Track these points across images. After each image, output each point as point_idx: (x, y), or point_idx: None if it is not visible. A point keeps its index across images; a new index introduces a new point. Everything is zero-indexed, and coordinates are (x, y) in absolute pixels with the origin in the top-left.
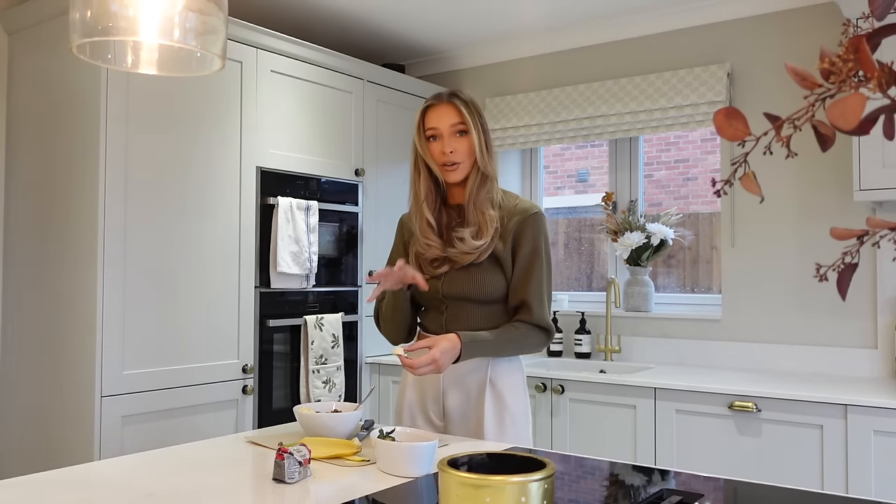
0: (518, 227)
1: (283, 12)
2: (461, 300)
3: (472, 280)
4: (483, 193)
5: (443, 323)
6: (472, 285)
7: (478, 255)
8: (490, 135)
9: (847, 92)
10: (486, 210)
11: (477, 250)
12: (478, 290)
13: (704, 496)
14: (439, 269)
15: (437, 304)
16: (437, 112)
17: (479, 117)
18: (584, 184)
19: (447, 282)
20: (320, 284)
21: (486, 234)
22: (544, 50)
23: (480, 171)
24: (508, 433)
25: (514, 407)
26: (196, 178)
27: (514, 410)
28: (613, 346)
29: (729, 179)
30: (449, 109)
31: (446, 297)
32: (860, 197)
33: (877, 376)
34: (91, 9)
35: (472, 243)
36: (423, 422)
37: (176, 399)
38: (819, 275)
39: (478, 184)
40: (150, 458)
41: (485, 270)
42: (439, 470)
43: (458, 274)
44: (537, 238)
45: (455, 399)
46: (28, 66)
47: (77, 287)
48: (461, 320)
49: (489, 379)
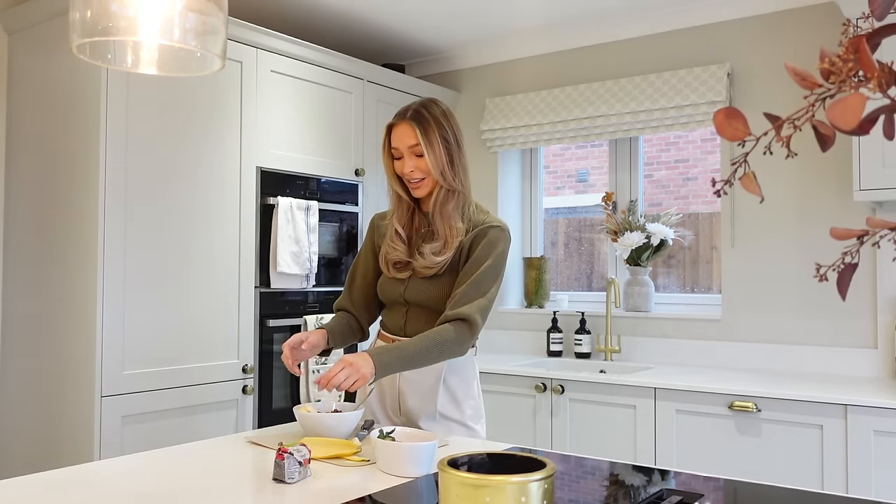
0: (476, 236)
1: (283, 12)
2: (421, 306)
3: (432, 289)
4: (449, 207)
5: (402, 325)
6: (433, 294)
7: (438, 268)
8: (459, 149)
9: (847, 92)
10: (452, 223)
11: (437, 266)
12: (437, 299)
13: (704, 496)
14: (402, 273)
15: (399, 306)
16: (398, 132)
17: (444, 133)
18: (584, 184)
19: (410, 288)
20: (320, 284)
21: (450, 248)
22: (544, 50)
23: (444, 188)
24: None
25: (465, 403)
26: (196, 178)
27: (465, 406)
28: (613, 346)
29: (729, 179)
30: (407, 130)
31: (408, 301)
32: (860, 197)
33: (877, 376)
34: (91, 9)
35: (433, 259)
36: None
37: (176, 399)
38: (819, 275)
39: (441, 199)
40: (150, 458)
41: (444, 282)
42: (439, 470)
43: (420, 282)
44: (491, 246)
45: (412, 399)
46: (28, 66)
47: (77, 287)
48: (420, 324)
49: (443, 378)
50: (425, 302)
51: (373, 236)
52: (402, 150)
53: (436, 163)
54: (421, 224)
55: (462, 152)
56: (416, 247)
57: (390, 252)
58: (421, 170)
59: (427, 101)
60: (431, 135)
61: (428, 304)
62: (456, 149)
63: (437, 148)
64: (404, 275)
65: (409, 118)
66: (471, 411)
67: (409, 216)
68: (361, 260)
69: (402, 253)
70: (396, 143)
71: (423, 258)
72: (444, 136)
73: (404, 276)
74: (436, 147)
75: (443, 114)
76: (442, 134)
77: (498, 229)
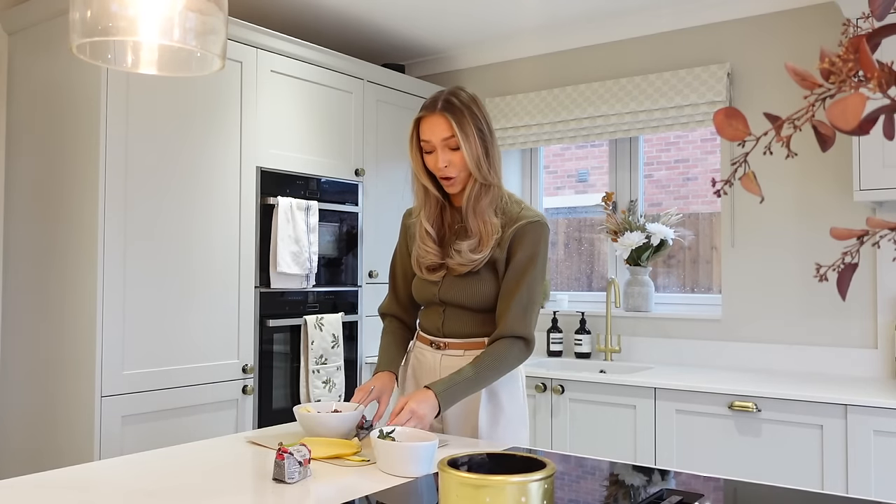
0: (515, 234)
1: (283, 12)
2: (458, 306)
3: (468, 288)
4: (483, 203)
5: (440, 326)
6: (469, 293)
7: (474, 266)
8: (492, 138)
9: (847, 92)
10: (487, 218)
11: (473, 263)
12: (473, 297)
13: (704, 496)
14: (436, 274)
15: (435, 307)
16: (430, 124)
17: (477, 122)
18: (584, 184)
19: (444, 287)
20: (320, 284)
21: (486, 246)
22: (544, 50)
23: (478, 182)
24: (503, 435)
25: (510, 409)
26: (196, 178)
27: (510, 412)
28: (613, 346)
29: (729, 179)
30: (440, 122)
31: (443, 301)
32: (860, 197)
33: (877, 376)
34: (91, 9)
35: (469, 256)
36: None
37: (176, 399)
38: (819, 275)
39: (475, 193)
40: (150, 458)
41: (482, 279)
42: (439, 470)
43: (455, 280)
44: (534, 246)
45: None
46: (28, 66)
47: (77, 287)
48: (457, 324)
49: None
50: (462, 301)
51: (405, 237)
52: (434, 143)
53: (471, 155)
54: (454, 220)
55: (494, 141)
56: (449, 245)
57: (423, 256)
58: (455, 164)
59: (454, 89)
60: (466, 126)
61: (464, 303)
62: (490, 138)
63: (472, 139)
64: (438, 276)
65: (440, 109)
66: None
67: (439, 212)
68: (398, 261)
69: (435, 255)
70: (428, 136)
71: (459, 255)
72: (479, 127)
73: (437, 278)
74: (471, 138)
75: (472, 101)
76: (476, 124)
77: (538, 224)
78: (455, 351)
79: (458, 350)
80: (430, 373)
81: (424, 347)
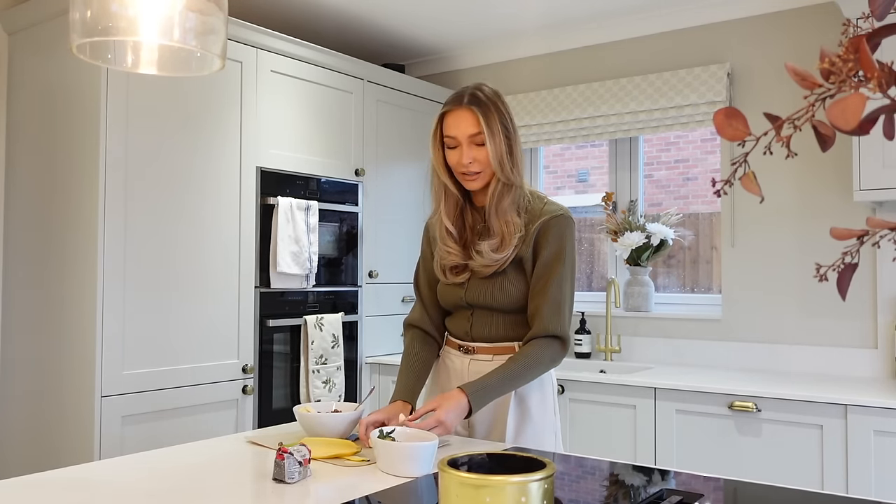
0: (540, 230)
1: (283, 12)
2: (485, 308)
3: (494, 289)
4: (505, 203)
5: (468, 329)
6: (495, 294)
7: (499, 265)
8: (516, 136)
9: (847, 92)
10: (509, 218)
11: (496, 263)
12: (501, 298)
13: (704, 496)
14: (460, 276)
15: (462, 311)
16: (456, 119)
17: (503, 119)
18: (584, 184)
19: (470, 289)
20: (320, 284)
21: (509, 245)
22: (544, 50)
23: (501, 181)
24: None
25: (539, 418)
26: (196, 178)
27: (539, 421)
28: (613, 346)
29: (729, 179)
30: (468, 117)
31: (470, 304)
32: (860, 197)
33: (877, 376)
34: (91, 9)
35: (492, 256)
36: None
37: (176, 399)
38: (819, 275)
39: (499, 192)
40: (150, 458)
41: (508, 279)
42: (439, 470)
43: (480, 282)
44: (560, 241)
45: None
46: (28, 66)
47: (77, 287)
48: (486, 327)
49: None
50: (489, 303)
51: (427, 240)
52: (460, 138)
53: (496, 153)
54: (476, 220)
55: (517, 139)
56: (471, 245)
57: (444, 257)
58: (479, 161)
59: (479, 84)
60: (493, 122)
61: (492, 304)
62: (514, 136)
63: (497, 136)
64: (462, 278)
65: (467, 104)
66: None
67: (459, 212)
68: (422, 270)
69: (458, 255)
70: (454, 132)
71: (481, 256)
72: (504, 124)
73: (462, 280)
74: (497, 135)
75: (497, 96)
76: (502, 121)
77: (562, 217)
78: (484, 356)
79: (487, 355)
80: (458, 378)
81: (452, 352)
